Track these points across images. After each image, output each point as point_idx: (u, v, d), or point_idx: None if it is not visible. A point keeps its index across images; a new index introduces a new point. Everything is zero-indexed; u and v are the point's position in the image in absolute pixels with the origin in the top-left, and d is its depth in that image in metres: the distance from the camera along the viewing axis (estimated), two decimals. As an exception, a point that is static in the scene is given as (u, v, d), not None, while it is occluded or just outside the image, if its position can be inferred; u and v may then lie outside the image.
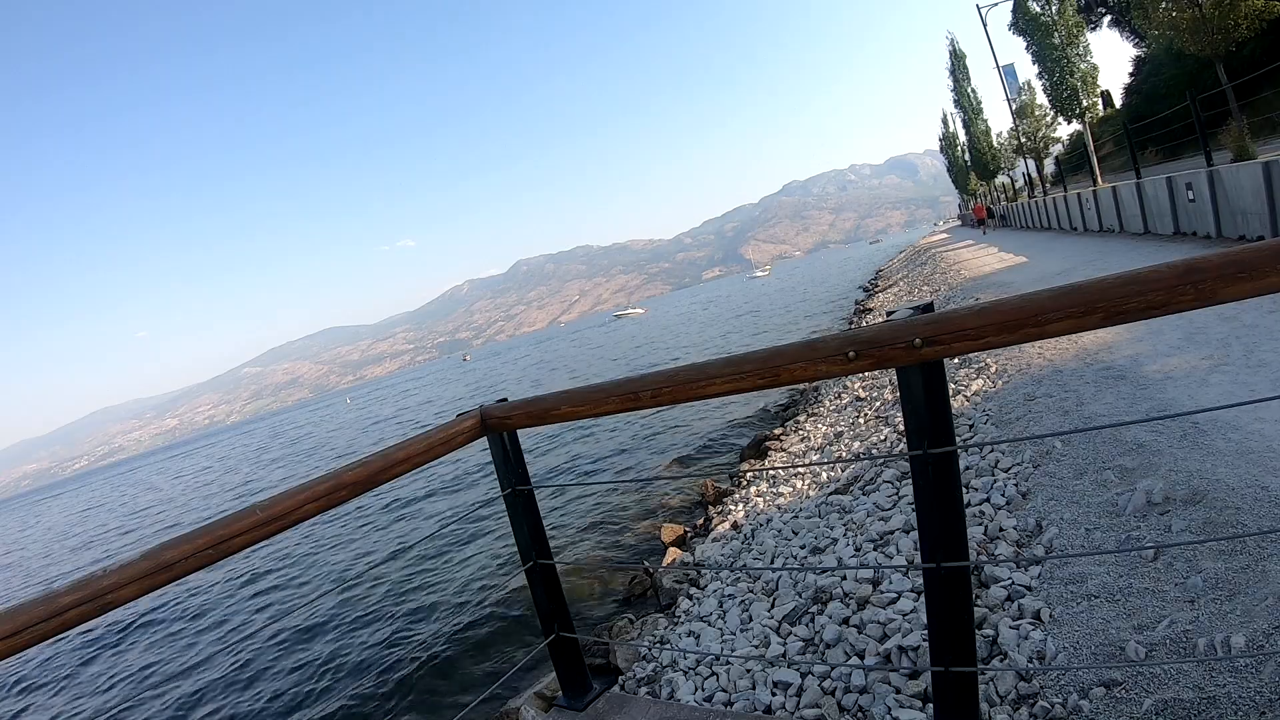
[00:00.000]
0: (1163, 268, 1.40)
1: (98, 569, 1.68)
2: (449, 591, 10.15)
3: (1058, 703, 2.91)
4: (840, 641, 4.37)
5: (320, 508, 2.16)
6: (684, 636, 5.76)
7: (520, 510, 2.83)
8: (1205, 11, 16.07)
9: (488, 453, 2.89)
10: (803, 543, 6.42)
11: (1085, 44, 25.24)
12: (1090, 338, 7.93)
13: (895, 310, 1.82)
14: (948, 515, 1.86)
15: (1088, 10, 34.71)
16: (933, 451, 1.81)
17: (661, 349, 43.70)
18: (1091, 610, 3.36)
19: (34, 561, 29.45)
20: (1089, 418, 5.67)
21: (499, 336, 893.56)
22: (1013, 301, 1.57)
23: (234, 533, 1.91)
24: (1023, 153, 36.47)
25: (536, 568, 2.84)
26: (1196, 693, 2.59)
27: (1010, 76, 34.34)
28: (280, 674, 9.02)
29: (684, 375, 2.13)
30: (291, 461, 40.34)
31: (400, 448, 2.45)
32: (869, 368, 1.82)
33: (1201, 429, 4.72)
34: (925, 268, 29.79)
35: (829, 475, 8.16)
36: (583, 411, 2.48)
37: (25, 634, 1.51)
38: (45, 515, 63.10)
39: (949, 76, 46.01)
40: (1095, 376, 6.64)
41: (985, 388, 7.89)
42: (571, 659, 2.91)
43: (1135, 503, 4.03)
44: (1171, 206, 13.82)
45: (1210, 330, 6.84)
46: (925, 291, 21.32)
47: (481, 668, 7.60)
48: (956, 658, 1.91)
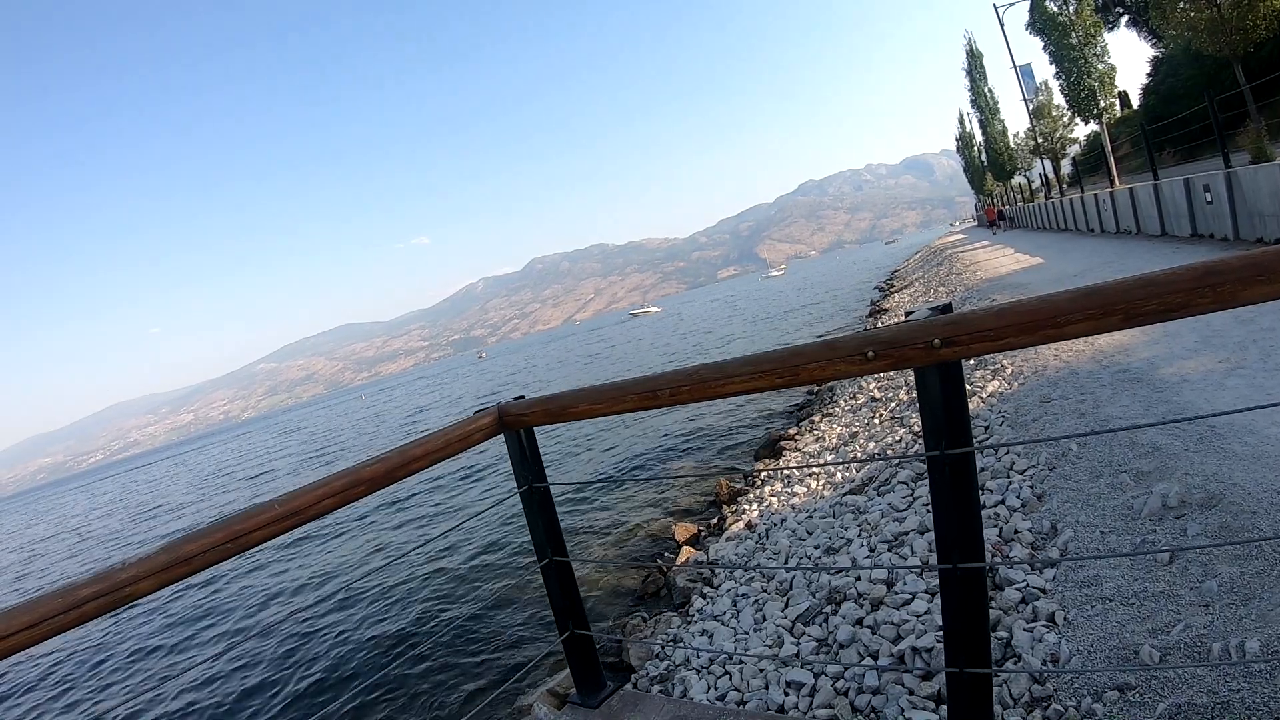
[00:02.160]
0: (1181, 270, 1.40)
1: (116, 561, 1.69)
2: (464, 588, 10.18)
3: (1071, 706, 2.91)
4: (854, 642, 4.37)
5: (338, 503, 2.16)
6: (697, 635, 5.77)
7: (536, 507, 2.83)
8: (1223, 12, 15.94)
9: (505, 449, 2.90)
10: (817, 543, 6.42)
11: (1103, 44, 25.09)
12: (1106, 340, 7.89)
13: (914, 310, 1.83)
14: (964, 516, 1.86)
15: (1105, 10, 34.47)
16: (950, 452, 1.81)
17: (681, 346, 43.74)
18: (1106, 613, 3.35)
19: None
20: (1105, 420, 5.65)
21: (514, 334, 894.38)
22: (1031, 302, 1.57)
23: (252, 527, 1.91)
24: (1039, 153, 36.26)
25: (552, 565, 2.84)
26: (1210, 697, 2.58)
27: (1027, 76, 34.16)
28: (294, 667, 9.08)
29: (702, 374, 2.13)
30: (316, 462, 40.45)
31: (418, 444, 2.44)
32: (887, 368, 1.83)
33: (1218, 432, 4.69)
34: (941, 268, 29.65)
35: (844, 475, 8.15)
36: (600, 409, 2.47)
37: (44, 625, 1.52)
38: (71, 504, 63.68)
39: (966, 76, 45.78)
40: (1111, 379, 6.61)
41: (1001, 389, 7.87)
42: (586, 656, 2.91)
43: (1151, 506, 4.01)
44: (1189, 208, 13.73)
45: (1227, 333, 6.80)
46: (941, 292, 21.21)
47: (495, 664, 7.63)
48: (971, 659, 1.91)
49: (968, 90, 46.23)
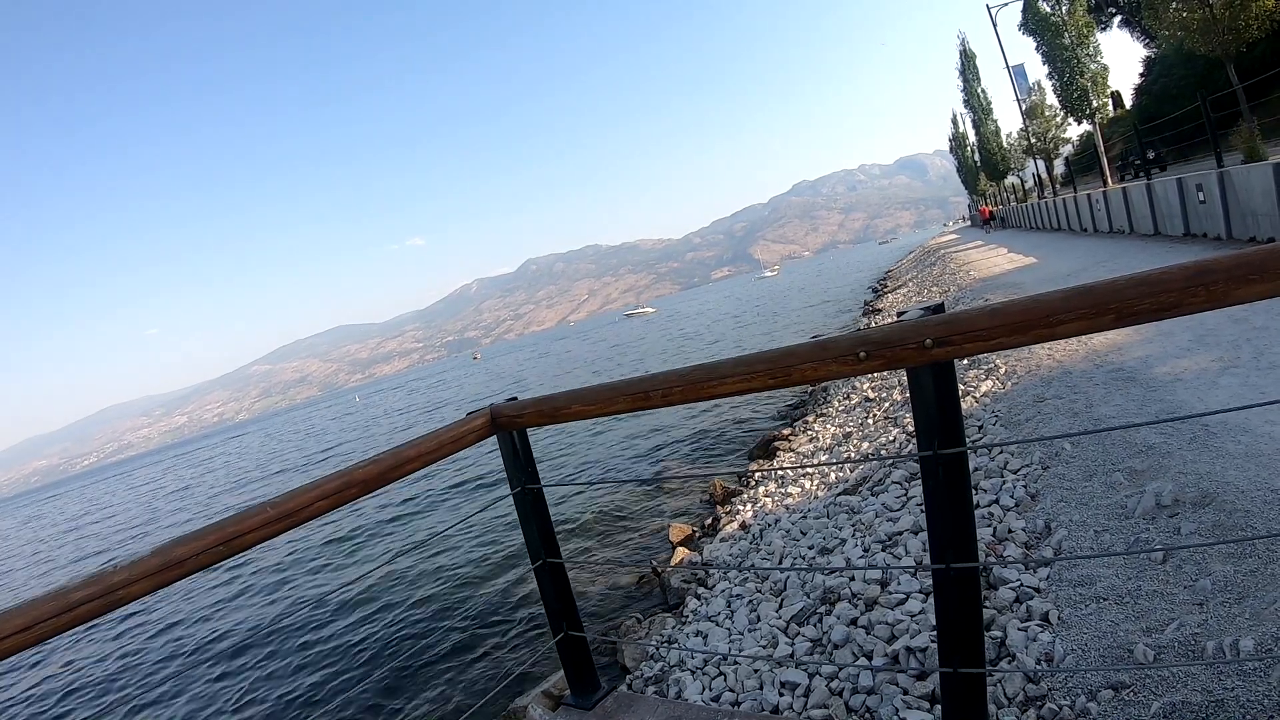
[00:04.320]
0: (1174, 269, 1.39)
1: (109, 564, 1.68)
2: (457, 589, 10.17)
3: (1065, 705, 2.91)
4: (848, 642, 4.37)
5: (331, 505, 2.14)
6: (691, 636, 5.77)
7: (530, 509, 2.82)
8: (1215, 12, 16.00)
9: (498, 451, 2.88)
10: (811, 543, 6.42)
11: (1095, 44, 25.15)
12: (1100, 339, 7.91)
13: (906, 311, 1.83)
14: (958, 516, 1.86)
15: (1098, 10, 34.57)
16: (943, 452, 1.81)
17: (674, 345, 43.77)
18: (1100, 612, 3.36)
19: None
20: (1098, 419, 5.66)
21: (508, 335, 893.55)
22: (1024, 302, 1.57)
23: (244, 530, 1.90)
24: (1033, 153, 36.35)
25: (546, 566, 2.84)
26: (1205, 696, 2.58)
27: (1020, 77, 34.25)
28: (286, 671, 9.06)
29: (695, 375, 2.12)
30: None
31: (411, 445, 2.43)
32: (880, 368, 1.83)
33: (1211, 431, 4.70)
34: (935, 268, 29.71)
35: (837, 476, 8.16)
36: (593, 410, 2.47)
37: (37, 628, 1.51)
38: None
39: (959, 76, 45.83)
40: (1105, 378, 6.62)
41: (995, 389, 7.88)
42: (580, 658, 2.90)
43: (1144, 505, 4.02)
44: (1182, 208, 13.77)
45: (1221, 332, 6.82)
46: (935, 292, 21.26)
47: (489, 666, 7.62)
48: (965, 659, 1.91)
49: (961, 90, 46.27)
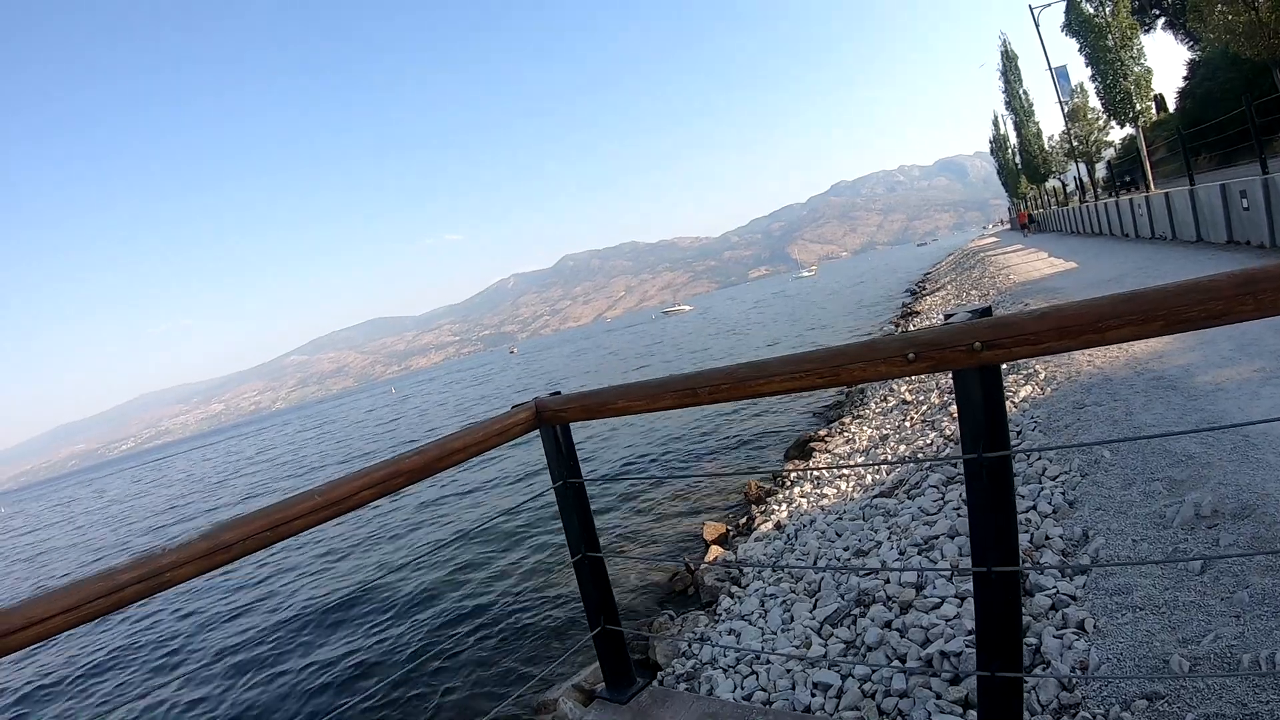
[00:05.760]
0: (1222, 277, 1.40)
1: (156, 547, 1.72)
2: (496, 581, 10.27)
3: (1100, 713, 2.91)
4: (882, 644, 4.38)
5: (378, 494, 2.18)
6: (724, 634, 5.80)
7: (571, 502, 2.84)
8: (1261, 15, 15.70)
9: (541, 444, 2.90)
10: (846, 545, 6.43)
11: (1139, 46, 24.80)
12: (1140, 346, 7.81)
13: (953, 313, 1.84)
14: (1000, 519, 1.86)
15: (1142, 12, 34.01)
16: (988, 455, 1.81)
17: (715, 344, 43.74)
18: (1136, 622, 3.34)
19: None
20: (1138, 427, 5.60)
21: (544, 331, 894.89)
22: (1073, 307, 1.58)
23: (292, 516, 1.93)
24: (1074, 156, 35.89)
25: (585, 560, 2.86)
26: (1239, 708, 2.57)
27: (1063, 79, 33.83)
28: (324, 658, 9.19)
29: (743, 372, 2.14)
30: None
31: (457, 437, 2.46)
32: (928, 369, 1.84)
33: (1252, 442, 4.64)
34: (974, 271, 29.39)
35: (874, 478, 8.14)
36: (638, 406, 2.47)
37: (85, 608, 1.55)
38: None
39: (1000, 78, 45.37)
40: (1145, 386, 6.55)
41: (1034, 394, 7.81)
42: (617, 652, 2.92)
43: (1183, 515, 3.98)
44: (1225, 214, 13.53)
45: (1263, 342, 6.71)
46: (974, 296, 21.03)
47: (521, 658, 7.70)
48: (1004, 663, 1.91)
49: (1003, 92, 45.82)
